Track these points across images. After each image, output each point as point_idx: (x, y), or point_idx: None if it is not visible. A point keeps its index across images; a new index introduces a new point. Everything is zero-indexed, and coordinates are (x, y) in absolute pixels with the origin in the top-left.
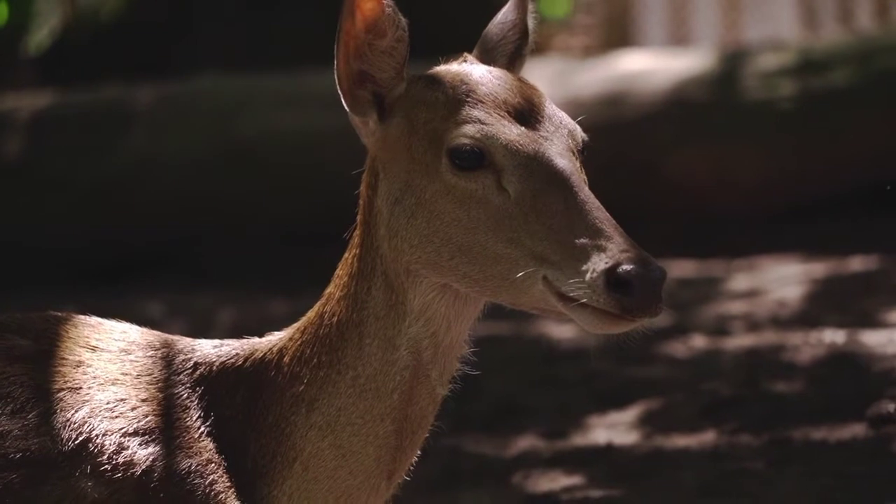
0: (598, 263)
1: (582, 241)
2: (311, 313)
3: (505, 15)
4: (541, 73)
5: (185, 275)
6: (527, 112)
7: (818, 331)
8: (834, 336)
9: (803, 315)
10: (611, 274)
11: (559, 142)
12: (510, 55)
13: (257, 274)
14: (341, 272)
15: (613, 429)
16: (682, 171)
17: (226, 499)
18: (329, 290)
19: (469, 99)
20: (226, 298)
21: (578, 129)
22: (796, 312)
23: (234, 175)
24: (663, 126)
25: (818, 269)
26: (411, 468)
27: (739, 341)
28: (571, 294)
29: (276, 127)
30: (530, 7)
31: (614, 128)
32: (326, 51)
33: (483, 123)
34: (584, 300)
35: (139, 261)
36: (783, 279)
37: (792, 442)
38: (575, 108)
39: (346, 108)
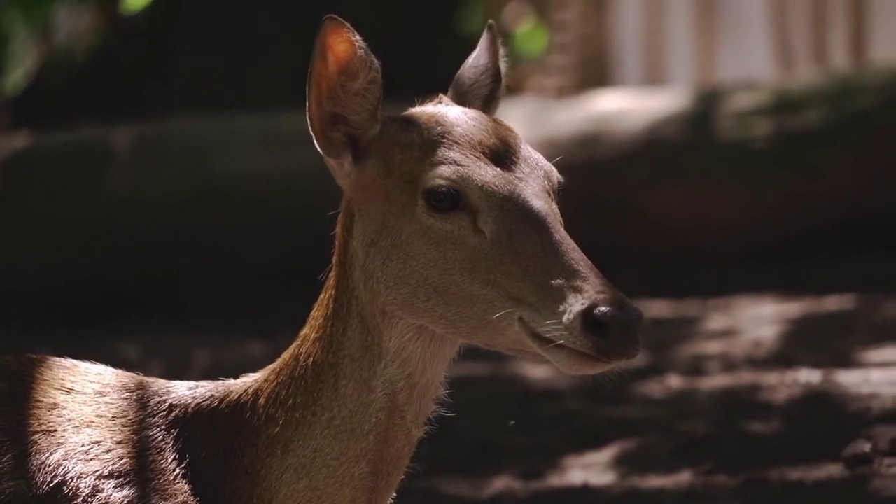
0: (574, 305)
1: (558, 281)
2: (286, 354)
3: (476, 59)
4: (516, 114)
5: (162, 315)
6: (502, 153)
7: (794, 371)
8: (810, 376)
9: (779, 355)
10: (587, 315)
11: (535, 182)
12: (485, 98)
13: (234, 314)
14: (317, 313)
15: (590, 469)
16: (658, 211)
17: None
18: (305, 331)
19: (444, 140)
20: (202, 339)
21: (554, 170)
22: (772, 352)
23: (210, 214)
24: (639, 166)
25: (794, 308)
26: None
27: (715, 381)
28: (548, 335)
29: (253, 166)
30: (501, 51)
31: (590, 168)
32: (302, 90)
33: (458, 164)
34: (561, 342)
35: (115, 301)
36: (759, 319)
37: (768, 482)
38: (551, 149)
39: (318, 149)
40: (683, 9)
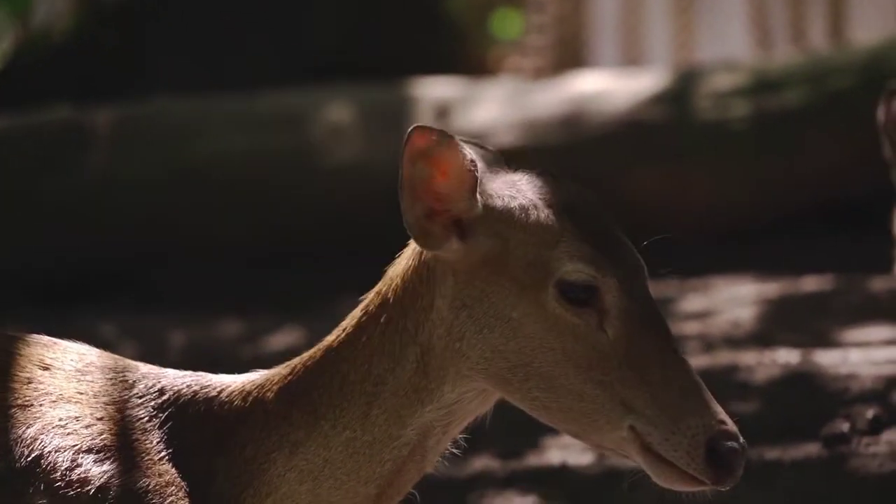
0: (698, 432)
1: (677, 399)
2: (306, 358)
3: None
4: (493, 95)
5: (139, 296)
6: (616, 245)
7: (772, 351)
8: (788, 356)
9: (757, 335)
10: (711, 445)
11: (644, 281)
12: None
13: (212, 294)
14: (354, 336)
15: (568, 449)
16: (637, 191)
17: None
18: (331, 341)
19: (576, 229)
20: (179, 319)
21: None
22: (750, 332)
23: (188, 196)
24: (618, 147)
25: (772, 288)
26: None
27: (694, 361)
28: (665, 454)
29: (231, 148)
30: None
31: (569, 149)
32: (280, 72)
33: (597, 262)
34: (679, 464)
35: (93, 282)
36: (737, 299)
37: (747, 461)
38: (530, 130)
39: (417, 245)
40: None
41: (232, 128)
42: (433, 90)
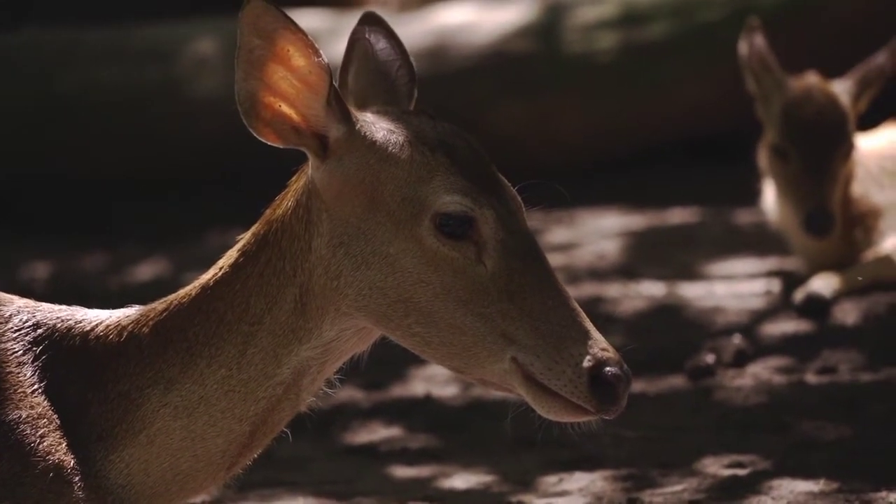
0: (581, 359)
1: (558, 329)
2: (182, 295)
3: (384, 52)
4: None
5: (6, 226)
6: (492, 182)
7: (637, 283)
8: (653, 288)
9: (622, 267)
10: (594, 372)
11: (523, 217)
12: (406, 95)
13: (78, 225)
14: (231, 276)
15: (432, 380)
16: (503, 124)
17: (56, 452)
18: (207, 279)
19: (453, 164)
20: (46, 250)
21: None
22: (615, 265)
23: (57, 128)
24: (484, 79)
25: (637, 221)
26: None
27: None
28: (548, 384)
29: (100, 80)
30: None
31: (435, 81)
32: (150, 4)
33: (474, 195)
34: (563, 393)
35: None
36: (602, 231)
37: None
38: None
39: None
40: None
41: (101, 59)
42: (299, 22)
